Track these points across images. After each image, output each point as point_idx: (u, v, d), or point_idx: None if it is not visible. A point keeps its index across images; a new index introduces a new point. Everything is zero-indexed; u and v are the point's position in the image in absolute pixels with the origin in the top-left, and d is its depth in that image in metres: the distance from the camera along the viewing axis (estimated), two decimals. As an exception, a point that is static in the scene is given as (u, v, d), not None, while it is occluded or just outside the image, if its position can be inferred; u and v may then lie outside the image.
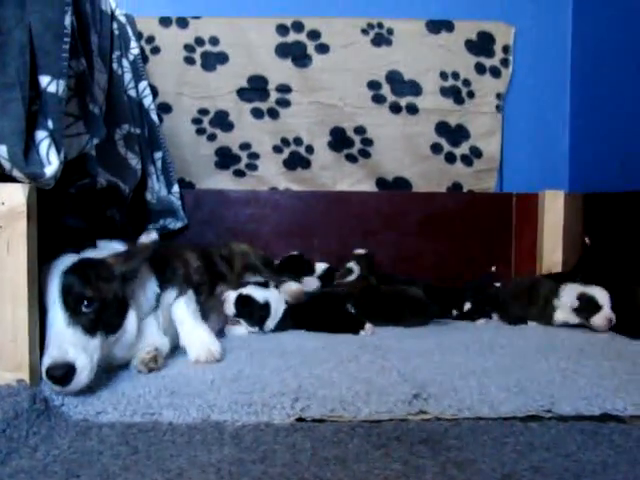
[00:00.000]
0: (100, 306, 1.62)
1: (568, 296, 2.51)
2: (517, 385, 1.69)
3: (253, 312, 2.36)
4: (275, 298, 2.42)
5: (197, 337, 1.97)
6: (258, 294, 2.38)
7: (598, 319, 2.43)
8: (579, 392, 1.64)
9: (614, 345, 2.26)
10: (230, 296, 2.36)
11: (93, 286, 1.63)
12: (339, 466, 1.21)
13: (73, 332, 1.55)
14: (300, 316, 2.49)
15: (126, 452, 1.28)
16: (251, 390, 1.61)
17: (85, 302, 1.59)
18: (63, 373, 1.46)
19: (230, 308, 2.34)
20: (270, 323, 2.41)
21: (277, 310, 2.42)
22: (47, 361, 1.48)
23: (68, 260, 1.67)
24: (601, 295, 2.45)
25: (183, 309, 1.98)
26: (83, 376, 1.50)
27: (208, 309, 2.20)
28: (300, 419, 1.47)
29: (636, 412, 1.53)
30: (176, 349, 2.00)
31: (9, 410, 1.35)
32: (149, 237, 1.85)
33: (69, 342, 1.52)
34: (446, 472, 1.19)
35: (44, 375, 1.48)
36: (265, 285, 2.53)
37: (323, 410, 1.50)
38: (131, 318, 1.76)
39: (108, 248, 1.86)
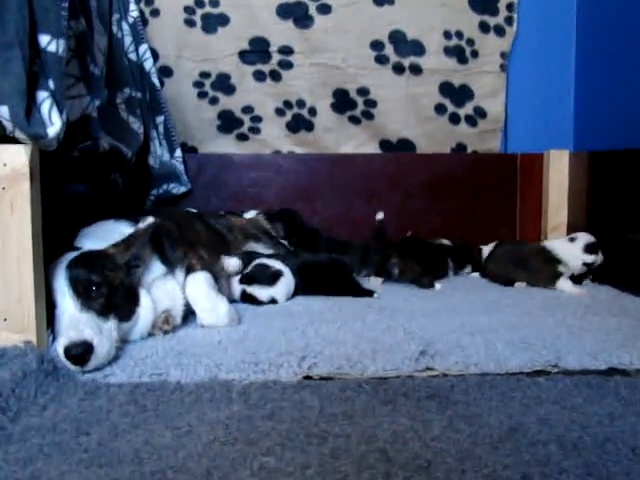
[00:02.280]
0: (109, 291, 1.62)
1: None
2: (523, 341, 1.69)
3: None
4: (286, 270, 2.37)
5: (214, 304, 1.93)
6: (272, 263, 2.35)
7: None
8: (585, 347, 1.65)
9: (620, 302, 2.26)
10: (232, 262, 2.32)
11: (99, 273, 1.63)
12: (346, 421, 1.22)
13: (87, 316, 1.55)
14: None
15: (135, 410, 1.29)
16: (258, 350, 1.62)
17: (94, 287, 1.60)
18: (82, 351, 1.47)
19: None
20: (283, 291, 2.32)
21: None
22: (64, 341, 1.48)
23: (70, 255, 1.68)
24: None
25: (194, 286, 1.94)
26: (101, 355, 1.51)
27: (216, 277, 2.17)
28: (307, 377, 1.48)
29: (642, 366, 1.54)
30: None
31: (17, 371, 1.36)
32: (146, 222, 1.83)
33: (84, 324, 1.53)
34: (453, 426, 1.20)
35: (62, 356, 1.48)
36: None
37: (330, 368, 1.51)
38: (145, 304, 1.76)
39: (114, 231, 1.86)
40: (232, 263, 2.30)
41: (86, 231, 1.89)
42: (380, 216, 2.95)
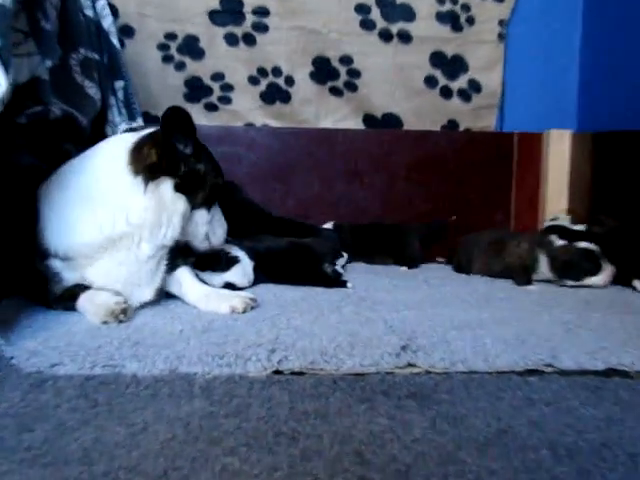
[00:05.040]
0: None
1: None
2: (516, 338, 1.70)
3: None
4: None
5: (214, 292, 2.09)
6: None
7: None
8: (583, 346, 1.66)
9: (623, 297, 2.29)
10: None
11: None
12: (319, 420, 1.22)
13: None
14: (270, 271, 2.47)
15: (85, 405, 1.28)
16: (223, 341, 1.62)
17: None
18: None
19: None
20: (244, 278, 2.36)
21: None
22: None
23: None
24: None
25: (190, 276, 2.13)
26: None
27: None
28: (277, 372, 1.48)
29: (644, 367, 1.55)
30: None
31: (-47, 360, 1.34)
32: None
33: None
34: (436, 427, 1.20)
35: None
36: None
37: (302, 362, 1.50)
38: None
39: None
40: None
41: None
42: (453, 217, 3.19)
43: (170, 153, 1.91)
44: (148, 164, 1.90)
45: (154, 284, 2.02)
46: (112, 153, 1.97)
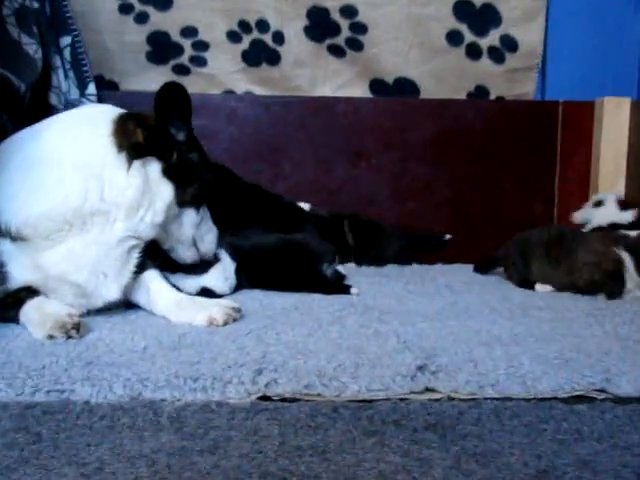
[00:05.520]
0: None
1: None
2: (559, 356, 1.71)
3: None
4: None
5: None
6: None
7: None
8: (643, 366, 1.66)
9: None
10: None
11: None
12: (317, 458, 1.22)
13: None
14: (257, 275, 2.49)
15: (25, 441, 1.28)
16: (198, 360, 1.62)
17: None
18: None
19: None
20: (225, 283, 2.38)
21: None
22: None
23: None
24: None
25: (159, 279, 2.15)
26: None
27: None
28: (264, 397, 1.49)
29: None
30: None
31: None
32: None
33: None
34: (461, 466, 1.20)
35: None
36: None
37: (295, 386, 1.51)
38: None
39: None
40: None
41: None
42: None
43: (162, 136, 1.96)
44: (133, 142, 1.94)
45: (122, 278, 2.03)
46: (92, 118, 2.01)
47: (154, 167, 1.97)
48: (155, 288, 2.09)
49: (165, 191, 1.99)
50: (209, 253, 2.25)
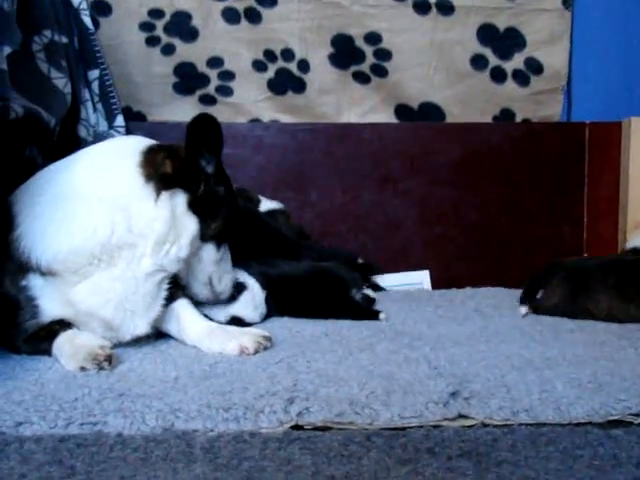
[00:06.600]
0: None
1: None
2: (593, 380, 1.69)
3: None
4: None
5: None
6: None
7: None
8: (682, 389, 1.65)
9: None
10: None
11: None
12: (351, 487, 1.22)
13: None
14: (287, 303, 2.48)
15: (59, 474, 1.28)
16: (229, 389, 1.62)
17: None
18: None
19: None
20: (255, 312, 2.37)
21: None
22: None
23: None
24: None
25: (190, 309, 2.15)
26: None
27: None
28: (297, 427, 1.48)
29: None
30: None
31: None
32: None
33: None
34: (497, 494, 1.20)
35: None
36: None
37: (327, 414, 1.50)
38: None
39: None
40: None
41: None
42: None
43: (191, 168, 1.96)
44: (161, 173, 1.94)
45: (151, 313, 2.02)
46: (120, 150, 2.02)
47: (181, 199, 1.97)
48: (186, 317, 2.09)
49: (190, 224, 1.99)
50: (224, 295, 2.24)
